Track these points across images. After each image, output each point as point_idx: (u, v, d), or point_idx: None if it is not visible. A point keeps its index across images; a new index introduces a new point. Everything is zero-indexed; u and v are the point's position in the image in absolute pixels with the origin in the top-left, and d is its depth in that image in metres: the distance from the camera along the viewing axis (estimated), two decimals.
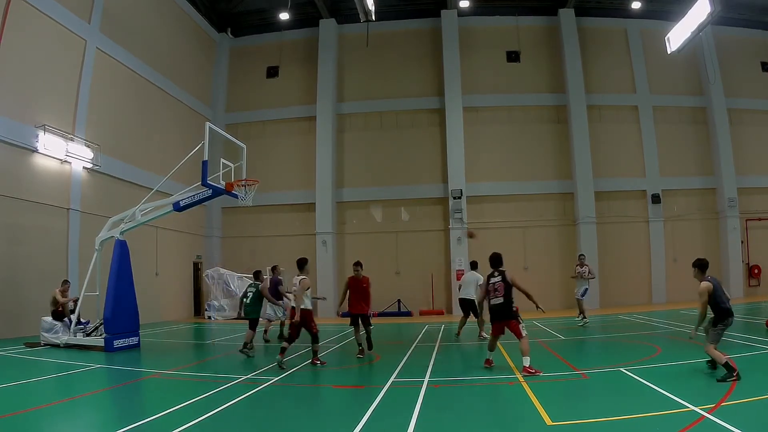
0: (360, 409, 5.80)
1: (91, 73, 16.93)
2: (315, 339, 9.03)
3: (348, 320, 10.22)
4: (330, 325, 18.24)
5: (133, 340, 11.90)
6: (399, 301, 22.43)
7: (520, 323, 8.05)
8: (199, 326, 18.85)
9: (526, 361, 7.70)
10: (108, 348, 11.17)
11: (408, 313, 21.80)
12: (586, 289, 14.93)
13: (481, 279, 12.76)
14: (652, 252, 22.91)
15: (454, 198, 22.59)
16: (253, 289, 11.06)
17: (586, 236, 22.39)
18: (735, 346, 9.49)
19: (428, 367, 8.62)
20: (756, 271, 23.00)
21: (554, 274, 22.19)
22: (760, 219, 23.20)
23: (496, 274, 8.31)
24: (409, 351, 10.71)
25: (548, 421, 5.10)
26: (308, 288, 8.89)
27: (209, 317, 21.25)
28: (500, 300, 8.12)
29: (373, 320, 10.74)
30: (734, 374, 6.68)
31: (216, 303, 21.36)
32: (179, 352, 12.33)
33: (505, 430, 5.20)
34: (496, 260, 8.47)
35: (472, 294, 12.66)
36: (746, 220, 23.07)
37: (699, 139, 23.87)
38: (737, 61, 24.00)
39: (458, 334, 13.00)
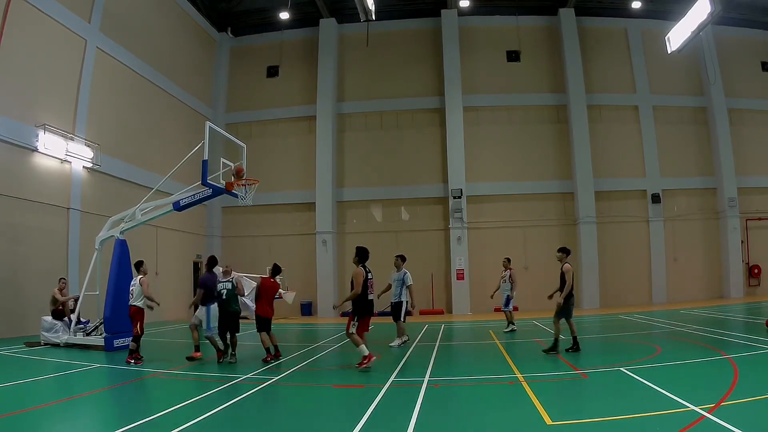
0: (360, 409, 5.80)
1: (91, 73, 16.93)
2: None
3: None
4: (330, 324, 18.26)
5: None
6: None
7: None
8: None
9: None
10: (108, 347, 11.17)
11: (408, 313, 21.71)
12: (509, 297, 13.70)
13: (409, 277, 11.94)
14: (652, 252, 22.90)
15: (454, 198, 22.58)
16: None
17: (586, 236, 22.39)
18: (735, 346, 9.50)
19: (428, 367, 8.62)
20: (756, 271, 23.00)
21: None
22: (760, 219, 23.20)
23: (368, 268, 8.65)
24: (409, 351, 10.71)
25: (548, 421, 5.10)
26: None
27: None
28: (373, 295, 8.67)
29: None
30: (556, 351, 9.19)
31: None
32: (179, 352, 12.30)
33: (505, 430, 5.19)
34: (367, 254, 8.74)
35: (400, 295, 11.80)
36: (746, 220, 23.08)
37: (699, 139, 23.87)
38: (737, 61, 24.00)
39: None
